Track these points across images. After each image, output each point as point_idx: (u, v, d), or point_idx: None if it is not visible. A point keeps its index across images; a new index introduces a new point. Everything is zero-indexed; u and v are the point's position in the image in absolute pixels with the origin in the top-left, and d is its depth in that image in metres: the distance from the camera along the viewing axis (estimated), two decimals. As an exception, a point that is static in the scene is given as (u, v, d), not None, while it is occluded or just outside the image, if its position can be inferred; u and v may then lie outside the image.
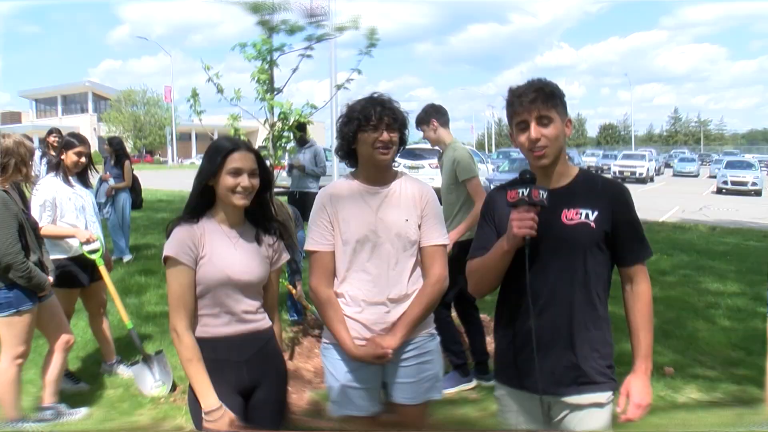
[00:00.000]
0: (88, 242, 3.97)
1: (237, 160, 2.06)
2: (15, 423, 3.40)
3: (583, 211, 1.92)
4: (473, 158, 4.18)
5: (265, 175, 2.15)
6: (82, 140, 4.17)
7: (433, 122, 4.25)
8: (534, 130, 1.89)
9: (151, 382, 3.99)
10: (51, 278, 3.48)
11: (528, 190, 1.84)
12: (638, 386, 1.94)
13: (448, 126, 4.35)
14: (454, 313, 4.35)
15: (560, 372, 1.94)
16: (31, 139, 3.65)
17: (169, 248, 2.03)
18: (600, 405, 1.94)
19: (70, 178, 4.08)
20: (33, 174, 3.51)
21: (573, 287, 1.92)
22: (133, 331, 4.11)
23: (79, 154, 4.07)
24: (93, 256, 4.02)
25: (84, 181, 4.26)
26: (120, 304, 4.09)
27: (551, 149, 1.90)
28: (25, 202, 3.47)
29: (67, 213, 3.95)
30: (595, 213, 1.91)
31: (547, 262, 1.93)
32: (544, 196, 1.83)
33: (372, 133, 2.21)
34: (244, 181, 2.06)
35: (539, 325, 1.92)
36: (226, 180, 2.05)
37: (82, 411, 3.76)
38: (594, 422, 1.94)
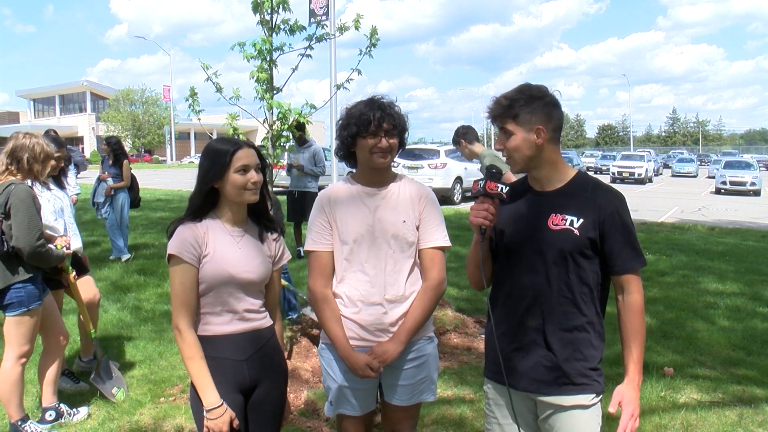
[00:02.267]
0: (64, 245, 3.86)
1: (243, 157, 2.08)
2: (19, 423, 3.40)
3: (569, 218, 1.92)
4: (500, 159, 4.65)
5: (263, 168, 2.16)
6: (61, 144, 4.15)
7: (462, 143, 5.13)
8: (497, 142, 2.01)
9: (109, 388, 3.98)
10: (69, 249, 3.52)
11: (484, 182, 1.93)
12: (630, 396, 1.92)
13: (478, 140, 5.23)
14: None
15: (540, 371, 1.95)
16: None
17: (173, 246, 2.04)
18: (583, 407, 1.94)
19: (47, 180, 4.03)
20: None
21: (556, 290, 1.93)
22: (95, 340, 4.13)
23: (58, 159, 4.02)
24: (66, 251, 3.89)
25: (59, 183, 4.23)
26: (85, 311, 4.09)
27: (515, 159, 1.97)
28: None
29: (46, 215, 3.92)
30: (581, 220, 1.90)
31: (532, 264, 1.96)
32: (503, 190, 1.91)
33: (371, 139, 2.21)
34: (254, 176, 2.08)
35: (526, 324, 1.96)
36: (236, 179, 2.06)
37: (83, 410, 3.76)
38: (577, 423, 1.94)
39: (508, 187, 1.93)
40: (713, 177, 27.70)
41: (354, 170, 2.41)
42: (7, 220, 3.20)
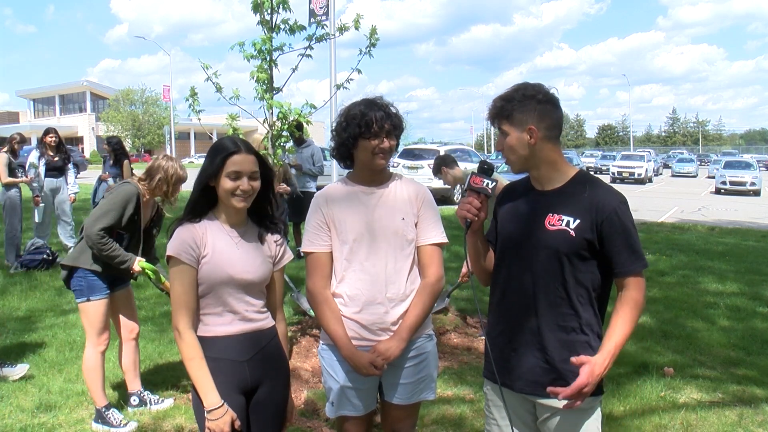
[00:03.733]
0: None
1: (236, 163, 2.04)
2: (103, 410, 3.52)
3: (565, 218, 1.90)
4: None
5: (267, 175, 2.14)
6: None
7: (443, 170, 5.10)
8: (497, 143, 2.05)
9: None
10: (136, 267, 3.54)
11: (469, 176, 1.99)
12: (587, 370, 1.80)
13: (456, 164, 5.26)
14: None
15: (537, 373, 1.94)
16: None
17: (171, 247, 2.04)
18: (580, 410, 1.90)
19: None
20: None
21: (552, 291, 1.92)
22: None
23: None
24: None
25: None
26: None
27: (511, 159, 1.99)
28: (160, 221, 3.83)
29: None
30: (577, 221, 1.88)
31: (529, 264, 1.95)
32: (488, 185, 1.96)
33: (373, 141, 2.21)
34: (244, 184, 2.05)
35: (523, 324, 1.96)
36: (226, 183, 2.05)
37: (168, 401, 3.84)
38: (575, 426, 1.92)
39: (494, 183, 1.96)
40: (713, 177, 27.69)
41: (350, 171, 2.41)
42: None
